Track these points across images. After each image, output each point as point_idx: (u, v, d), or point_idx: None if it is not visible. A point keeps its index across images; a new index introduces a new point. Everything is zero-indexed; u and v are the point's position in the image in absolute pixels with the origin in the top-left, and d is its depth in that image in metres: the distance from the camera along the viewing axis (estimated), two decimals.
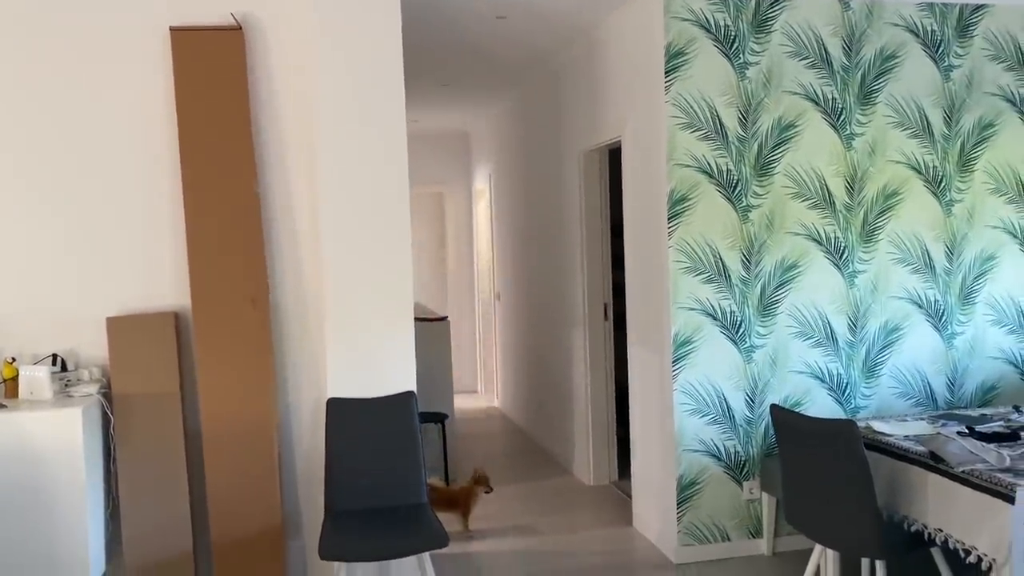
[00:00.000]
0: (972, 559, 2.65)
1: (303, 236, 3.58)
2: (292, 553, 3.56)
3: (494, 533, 4.42)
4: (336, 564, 3.15)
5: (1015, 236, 4.17)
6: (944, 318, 4.13)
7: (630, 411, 4.48)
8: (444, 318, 5.58)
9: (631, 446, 4.48)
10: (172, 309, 3.46)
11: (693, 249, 3.87)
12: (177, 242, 3.48)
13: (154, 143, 3.48)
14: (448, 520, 4.42)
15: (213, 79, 3.38)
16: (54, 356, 3.29)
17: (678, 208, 3.85)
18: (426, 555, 3.06)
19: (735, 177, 3.89)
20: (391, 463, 3.35)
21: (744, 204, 3.91)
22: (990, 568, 2.60)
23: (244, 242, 3.39)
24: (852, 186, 4.01)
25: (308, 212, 3.58)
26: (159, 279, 3.48)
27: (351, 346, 3.47)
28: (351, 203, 3.46)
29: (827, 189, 3.99)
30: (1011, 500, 2.50)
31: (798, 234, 3.97)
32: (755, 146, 3.91)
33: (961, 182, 4.12)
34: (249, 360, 3.34)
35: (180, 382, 3.32)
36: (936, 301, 4.11)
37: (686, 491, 3.91)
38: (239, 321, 3.35)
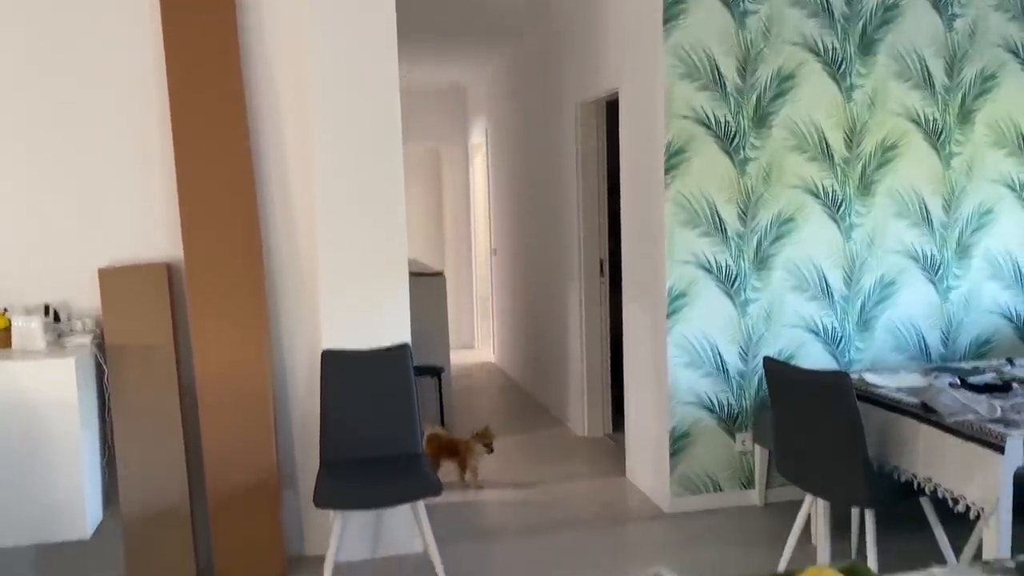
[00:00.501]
0: (960, 508, 2.68)
1: (295, 188, 3.54)
2: (288, 503, 3.60)
3: (489, 484, 4.46)
4: (332, 512, 3.19)
5: (1014, 190, 4.15)
6: (940, 272, 4.12)
7: (624, 364, 4.50)
8: (440, 273, 5.57)
9: (625, 399, 4.51)
10: (164, 260, 3.44)
11: (689, 202, 3.84)
12: (168, 193, 3.44)
13: (144, 92, 3.42)
14: (449, 471, 4.47)
15: (202, 28, 3.31)
16: (46, 307, 3.28)
17: (675, 160, 3.81)
18: (420, 503, 3.09)
19: (733, 129, 3.85)
20: (386, 414, 3.36)
21: (742, 157, 3.87)
22: (978, 517, 2.63)
23: (235, 193, 3.35)
24: (851, 139, 3.97)
25: (300, 163, 3.54)
26: (150, 230, 3.45)
27: (345, 299, 3.46)
28: (344, 156, 3.42)
29: (825, 142, 3.94)
30: (1001, 450, 2.52)
31: (795, 187, 3.94)
32: (753, 97, 3.86)
33: (961, 135, 4.08)
34: (243, 311, 3.33)
35: (174, 334, 3.31)
36: (932, 255, 4.10)
37: (679, 443, 3.94)
38: (232, 272, 3.33)
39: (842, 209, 3.99)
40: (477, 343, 8.68)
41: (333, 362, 3.34)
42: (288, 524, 3.60)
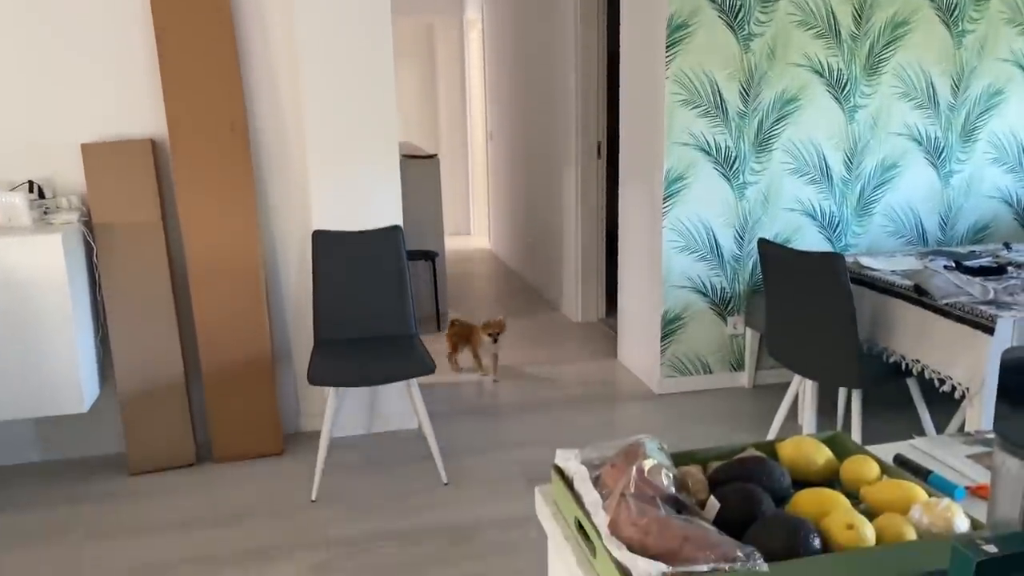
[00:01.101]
0: (947, 388, 2.71)
1: (279, 62, 3.40)
2: (283, 381, 3.64)
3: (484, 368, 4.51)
4: (327, 390, 3.23)
5: None
6: (943, 155, 4.03)
7: (619, 248, 4.47)
8: (433, 156, 5.46)
9: (618, 282, 4.51)
10: (149, 136, 3.34)
11: (691, 80, 3.71)
12: (151, 67, 3.31)
13: None
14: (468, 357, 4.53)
15: None
16: (30, 183, 3.21)
17: (677, 35, 3.66)
18: (414, 381, 3.13)
19: (738, 2, 3.68)
20: (379, 295, 3.35)
21: (746, 32, 3.72)
22: (963, 397, 2.67)
23: (219, 67, 3.22)
24: (860, 14, 3.80)
25: (284, 34, 3.38)
26: (134, 105, 3.34)
27: (334, 180, 3.39)
28: (329, 28, 3.27)
29: (833, 17, 3.78)
30: (991, 331, 2.52)
31: (800, 65, 3.80)
32: None
33: (975, 11, 3.90)
34: (230, 187, 3.27)
35: (161, 211, 3.26)
36: (936, 138, 4.01)
37: (670, 325, 3.96)
38: (218, 148, 3.24)
39: (847, 89, 3.87)
40: (473, 230, 8.64)
41: (324, 242, 3.31)
42: (286, 401, 3.66)
